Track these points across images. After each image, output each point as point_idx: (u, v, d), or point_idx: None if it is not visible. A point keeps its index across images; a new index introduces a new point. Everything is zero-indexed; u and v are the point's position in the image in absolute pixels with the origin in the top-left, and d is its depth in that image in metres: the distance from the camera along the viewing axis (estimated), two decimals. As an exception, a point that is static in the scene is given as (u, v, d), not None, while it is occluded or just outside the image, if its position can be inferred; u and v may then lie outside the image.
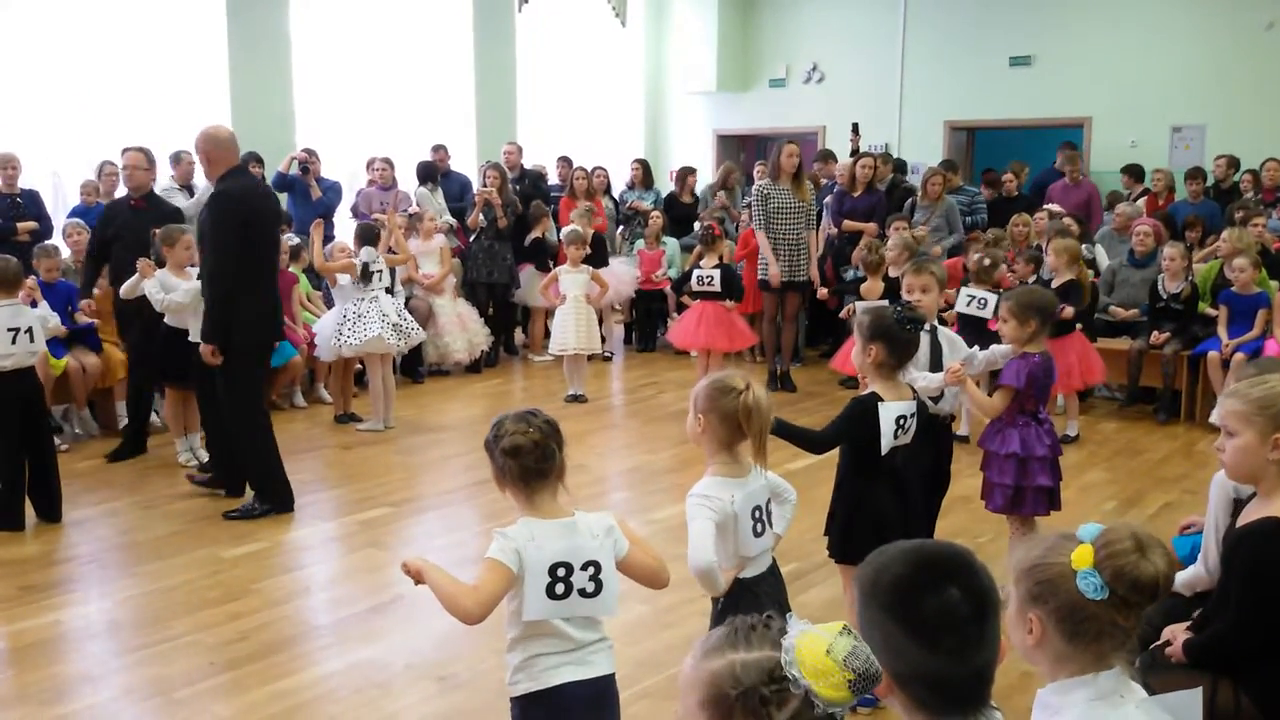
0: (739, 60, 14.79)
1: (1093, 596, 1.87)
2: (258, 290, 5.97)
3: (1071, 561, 1.90)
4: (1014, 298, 4.79)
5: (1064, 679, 1.92)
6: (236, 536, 5.75)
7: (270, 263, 6.23)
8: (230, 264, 5.80)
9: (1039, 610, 1.91)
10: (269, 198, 6.51)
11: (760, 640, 1.44)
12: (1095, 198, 10.98)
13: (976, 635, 1.67)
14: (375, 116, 11.74)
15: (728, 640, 1.46)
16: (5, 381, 5.71)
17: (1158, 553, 1.92)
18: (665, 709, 3.87)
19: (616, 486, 6.79)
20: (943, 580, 1.67)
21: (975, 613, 1.67)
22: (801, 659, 1.40)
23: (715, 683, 1.43)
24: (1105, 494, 6.54)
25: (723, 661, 1.44)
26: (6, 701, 3.98)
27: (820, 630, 1.44)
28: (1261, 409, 2.80)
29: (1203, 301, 8.51)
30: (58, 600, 4.95)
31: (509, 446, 2.69)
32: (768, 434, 3.12)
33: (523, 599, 2.64)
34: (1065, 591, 1.88)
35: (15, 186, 8.61)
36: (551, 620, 2.66)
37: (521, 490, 2.72)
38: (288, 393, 8.78)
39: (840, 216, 10.23)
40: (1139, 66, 12.09)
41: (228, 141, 5.99)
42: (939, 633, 1.65)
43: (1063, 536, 1.97)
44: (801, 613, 1.53)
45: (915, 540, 1.80)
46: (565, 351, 8.90)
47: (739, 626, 1.48)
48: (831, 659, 1.40)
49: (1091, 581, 1.87)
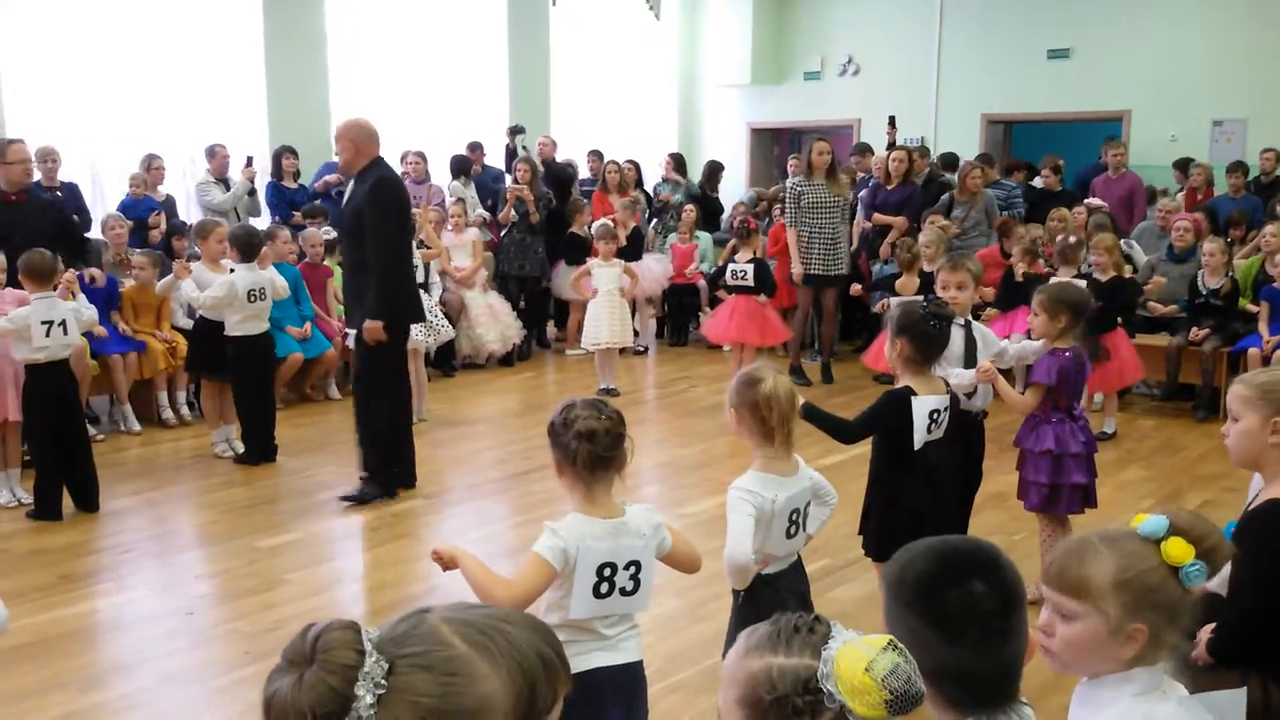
0: (773, 53, 14.72)
1: (1197, 584, 1.83)
2: (407, 273, 6.37)
3: (1167, 559, 1.83)
4: (1046, 292, 4.74)
5: (1105, 674, 1.88)
6: (271, 527, 5.79)
7: (410, 248, 6.67)
8: (396, 248, 6.14)
9: (1147, 617, 1.82)
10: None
11: (801, 646, 1.40)
12: (1139, 190, 10.79)
13: (1002, 629, 1.66)
14: (409, 110, 11.77)
15: (770, 641, 1.43)
16: (40, 373, 5.77)
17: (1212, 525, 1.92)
18: (696, 702, 3.86)
19: (648, 480, 6.78)
20: (966, 574, 1.66)
21: (1000, 606, 1.66)
22: (839, 673, 1.36)
23: (752, 684, 1.40)
24: (1142, 491, 6.47)
25: (761, 663, 1.41)
26: (43, 689, 4.03)
27: (863, 644, 1.39)
28: (1264, 394, 2.82)
29: (1244, 298, 8.39)
30: (94, 589, 5.01)
31: (585, 430, 2.64)
32: (791, 424, 3.13)
33: (571, 597, 2.64)
34: (1168, 591, 1.83)
35: (55, 179, 8.69)
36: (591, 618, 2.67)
37: (584, 478, 2.68)
38: (321, 385, 8.83)
39: (872, 210, 10.18)
40: (1179, 59, 11.92)
41: (374, 132, 6.19)
42: (962, 626, 1.64)
43: (1112, 539, 1.88)
44: (832, 609, 1.51)
45: (940, 537, 1.78)
46: (598, 345, 8.90)
47: (783, 627, 1.44)
48: (870, 677, 1.35)
49: (1197, 570, 1.82)
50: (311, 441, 7.50)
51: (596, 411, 2.68)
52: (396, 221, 6.13)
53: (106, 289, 7.66)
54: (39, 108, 9.32)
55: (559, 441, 2.69)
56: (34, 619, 4.62)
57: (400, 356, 6.38)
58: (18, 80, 9.27)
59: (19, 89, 9.28)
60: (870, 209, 10.18)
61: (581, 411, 2.67)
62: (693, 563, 2.90)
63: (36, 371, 5.77)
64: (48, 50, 9.39)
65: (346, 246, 6.29)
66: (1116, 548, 1.87)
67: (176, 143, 10.16)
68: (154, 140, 9.86)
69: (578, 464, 2.66)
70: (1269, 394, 2.81)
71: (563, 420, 2.69)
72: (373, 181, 6.05)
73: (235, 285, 6.71)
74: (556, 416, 2.71)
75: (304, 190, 10.16)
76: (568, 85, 13.74)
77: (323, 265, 8.88)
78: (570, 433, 2.65)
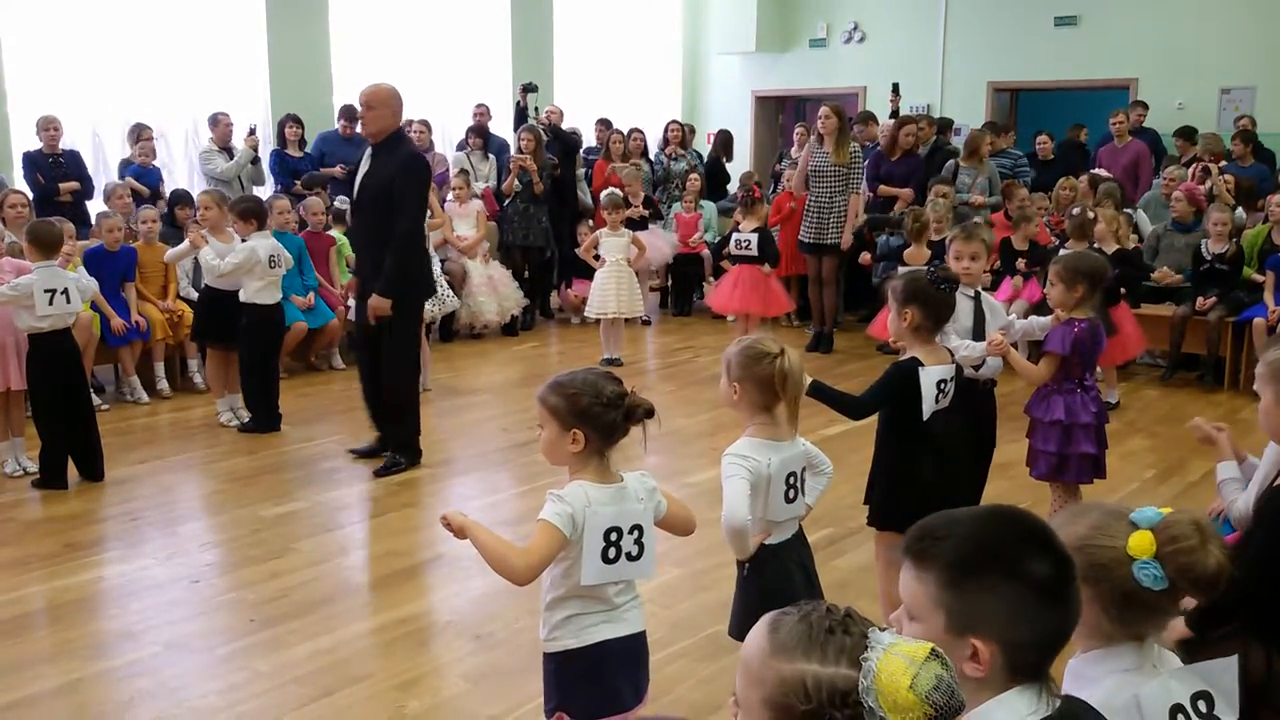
0: (778, 20, 14.60)
1: (1150, 586, 1.82)
2: (425, 249, 6.54)
3: (1129, 548, 1.84)
4: (1062, 261, 4.70)
5: (1095, 650, 1.89)
6: (276, 496, 5.81)
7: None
8: (421, 223, 6.22)
9: (1086, 591, 1.80)
10: None
11: (838, 653, 1.34)
12: (1145, 158, 10.72)
13: (1078, 591, 1.64)
14: (412, 79, 11.67)
15: (802, 643, 1.36)
16: (43, 342, 5.76)
17: (1216, 543, 1.87)
18: (698, 670, 3.88)
19: (651, 450, 6.77)
20: (1046, 541, 1.61)
21: (1073, 569, 1.63)
22: (881, 689, 1.30)
23: (783, 690, 1.34)
24: (1146, 461, 6.47)
25: (794, 669, 1.34)
26: (50, 657, 4.05)
27: (904, 654, 1.33)
28: (1274, 372, 2.86)
29: (1249, 267, 8.36)
30: (100, 557, 5.03)
31: (629, 405, 2.66)
32: (801, 399, 3.11)
33: (580, 564, 2.64)
34: (1120, 578, 1.83)
35: (57, 147, 8.68)
36: (602, 584, 2.68)
37: (597, 448, 2.67)
38: (325, 355, 8.83)
39: (876, 181, 10.12)
40: (1187, 27, 11.82)
41: (401, 103, 6.13)
42: (1064, 589, 1.59)
43: (1109, 514, 1.90)
44: (833, 578, 1.48)
45: (973, 509, 1.72)
46: (605, 314, 8.89)
47: (815, 625, 1.37)
48: (914, 694, 1.30)
49: (1152, 573, 1.82)
50: (316, 411, 7.51)
51: (618, 384, 2.70)
52: (422, 196, 6.21)
53: (124, 259, 7.63)
54: (41, 76, 9.28)
55: (587, 413, 2.64)
56: (40, 587, 4.65)
57: (418, 336, 6.48)
58: (20, 49, 9.22)
59: (21, 57, 9.23)
60: (874, 181, 10.13)
61: (608, 386, 2.67)
62: (688, 525, 2.92)
63: (39, 340, 5.76)
64: (50, 18, 9.34)
65: (370, 219, 6.08)
66: (1097, 518, 1.90)
67: (178, 111, 10.13)
68: (156, 109, 9.84)
69: (606, 435, 2.66)
70: (1275, 370, 2.84)
71: (594, 395, 2.65)
72: (406, 155, 6.04)
73: (255, 250, 6.71)
74: (583, 394, 2.65)
75: (308, 158, 10.13)
76: (572, 53, 13.65)
77: (326, 234, 8.86)
78: (598, 401, 2.64)
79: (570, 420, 2.66)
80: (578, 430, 2.65)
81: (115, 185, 8.48)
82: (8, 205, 7.33)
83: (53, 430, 5.86)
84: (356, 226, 6.35)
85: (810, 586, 3.23)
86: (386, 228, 5.93)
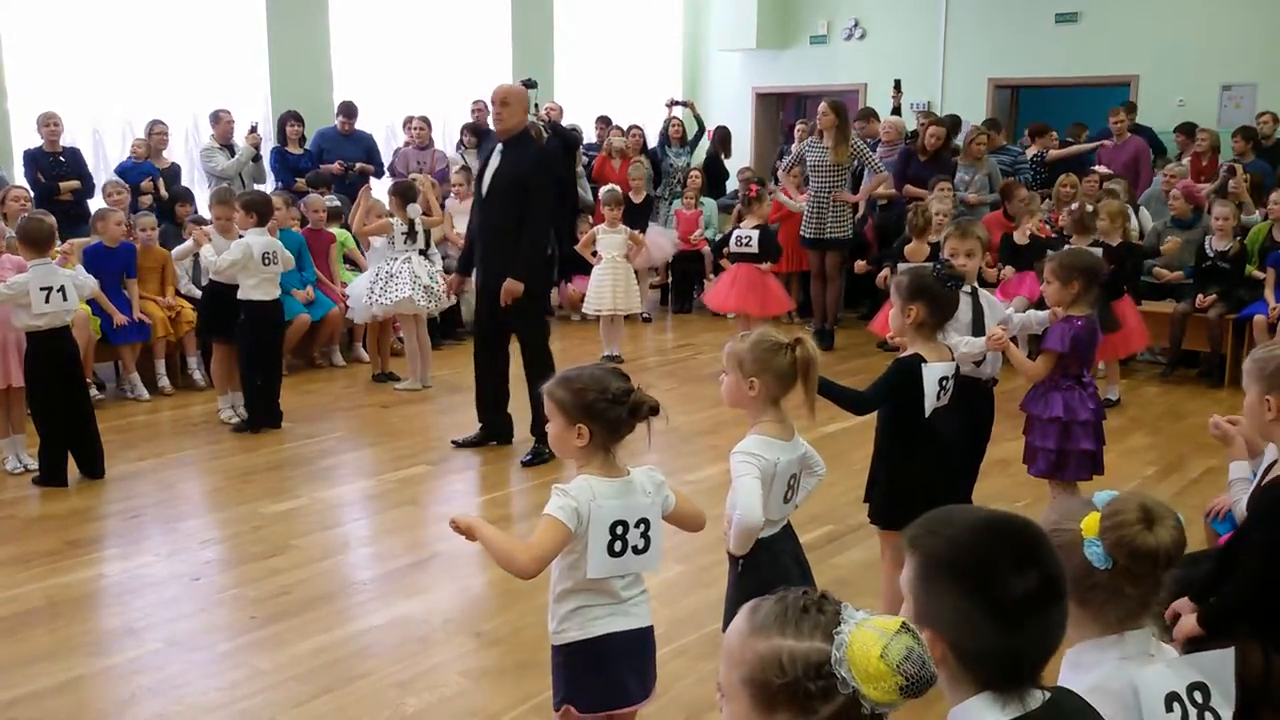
0: (779, 17, 14.59)
1: (1096, 564, 1.87)
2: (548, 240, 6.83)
3: (1082, 529, 1.89)
4: (1057, 259, 4.71)
5: (1087, 640, 1.93)
6: (277, 493, 5.81)
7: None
8: (553, 214, 6.55)
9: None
10: None
11: (812, 629, 1.38)
12: (1144, 155, 10.69)
13: (1059, 616, 1.63)
14: (412, 75, 11.70)
15: (778, 621, 1.40)
16: (41, 341, 5.75)
17: (1165, 524, 1.90)
18: (700, 666, 3.88)
19: (652, 447, 6.77)
20: (1027, 562, 1.60)
21: (1056, 594, 1.62)
22: (853, 659, 1.34)
23: (761, 667, 1.38)
24: (1147, 459, 6.47)
25: (769, 645, 1.39)
26: (51, 653, 4.05)
27: (875, 626, 1.37)
28: (1259, 370, 2.87)
29: (1250, 264, 8.35)
30: (101, 555, 5.03)
31: (634, 402, 2.66)
32: (817, 388, 3.13)
33: (586, 557, 2.66)
34: (1078, 558, 1.87)
35: (58, 145, 8.67)
36: (608, 577, 2.69)
37: (602, 443, 2.69)
38: (326, 351, 8.83)
39: (904, 180, 9.96)
40: (1188, 24, 11.80)
41: (529, 102, 6.55)
42: (1024, 616, 1.59)
43: (1083, 503, 1.96)
44: (833, 575, 1.50)
45: (981, 511, 1.73)
46: (601, 311, 8.89)
47: (790, 605, 1.41)
48: (885, 663, 1.34)
49: (1095, 550, 1.87)
50: (317, 408, 7.51)
51: (625, 380, 2.71)
52: (555, 191, 6.63)
53: (123, 255, 7.63)
54: (41, 72, 9.27)
55: (594, 410, 2.65)
56: (41, 584, 4.64)
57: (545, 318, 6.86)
58: (20, 45, 9.21)
59: (21, 54, 9.22)
60: (902, 179, 9.99)
61: (616, 383, 2.68)
62: (698, 520, 2.93)
63: (37, 339, 5.74)
64: (50, 15, 9.33)
65: (499, 212, 6.27)
66: (1069, 506, 1.97)
67: (179, 108, 10.12)
68: (156, 105, 9.83)
69: (611, 430, 2.67)
70: (1263, 370, 2.87)
71: (599, 389, 2.66)
72: (537, 150, 6.51)
73: (250, 247, 6.71)
74: (589, 388, 2.66)
75: (308, 156, 10.12)
76: (572, 49, 13.63)
77: (325, 231, 8.86)
78: (605, 398, 2.64)
79: (576, 415, 2.68)
80: (583, 425, 2.67)
81: (109, 183, 8.44)
82: (9, 200, 7.32)
83: (52, 428, 5.86)
84: (483, 220, 6.37)
85: (805, 578, 3.24)
86: (517, 220, 6.18)
